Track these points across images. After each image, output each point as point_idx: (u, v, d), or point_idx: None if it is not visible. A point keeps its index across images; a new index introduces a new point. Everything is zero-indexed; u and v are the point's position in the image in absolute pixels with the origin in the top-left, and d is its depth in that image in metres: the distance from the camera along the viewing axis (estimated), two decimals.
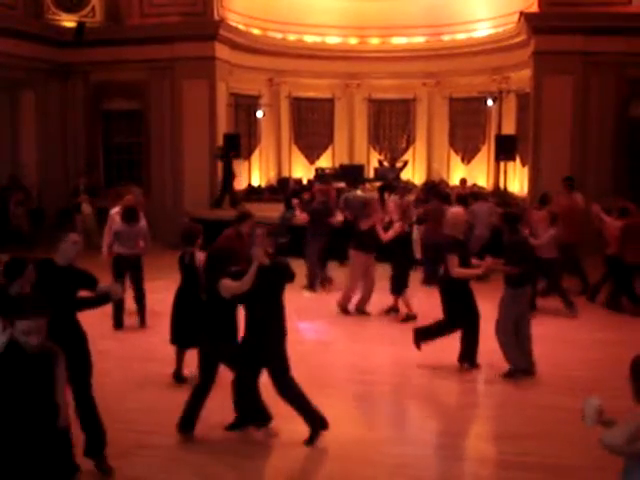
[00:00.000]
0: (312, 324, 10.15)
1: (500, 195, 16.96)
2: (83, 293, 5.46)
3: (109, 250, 9.84)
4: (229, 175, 17.41)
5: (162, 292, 10.71)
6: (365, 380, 7.59)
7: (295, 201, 13.39)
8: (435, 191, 14.20)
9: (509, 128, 18.40)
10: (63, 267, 5.29)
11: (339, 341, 9.22)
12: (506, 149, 16.73)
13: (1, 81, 17.31)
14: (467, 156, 20.68)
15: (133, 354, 8.43)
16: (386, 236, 10.14)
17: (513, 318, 7.56)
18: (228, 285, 5.62)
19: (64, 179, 18.17)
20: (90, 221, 16.13)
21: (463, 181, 17.34)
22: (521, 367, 7.53)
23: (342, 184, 17.10)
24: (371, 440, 6.07)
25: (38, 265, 5.13)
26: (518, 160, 17.93)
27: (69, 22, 17.69)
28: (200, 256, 7.24)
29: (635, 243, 10.43)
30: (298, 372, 7.67)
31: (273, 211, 13.77)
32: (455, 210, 8.42)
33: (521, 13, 16.44)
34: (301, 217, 12.66)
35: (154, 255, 14.41)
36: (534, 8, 16.28)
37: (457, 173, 20.40)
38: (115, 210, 10.08)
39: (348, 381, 7.57)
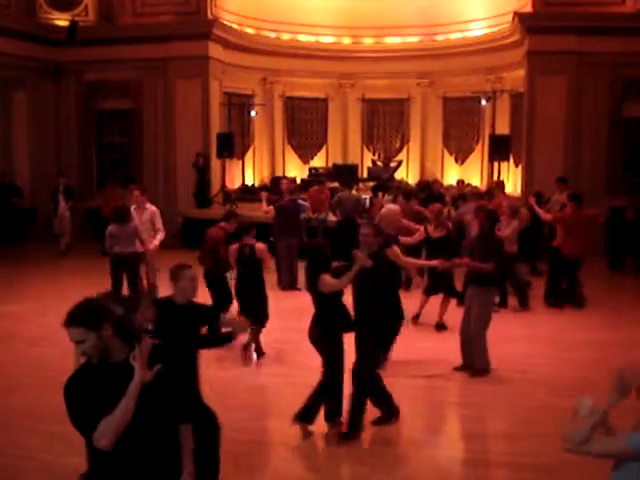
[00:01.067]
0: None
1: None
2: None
3: (111, 250, 9.87)
4: (203, 182, 17.31)
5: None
6: None
7: (264, 194, 13.38)
8: (429, 191, 14.18)
9: (503, 128, 18.42)
10: (182, 305, 5.07)
11: None
12: (500, 149, 16.74)
13: None
14: (461, 156, 20.69)
15: None
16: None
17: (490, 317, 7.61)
18: (327, 282, 5.77)
19: (57, 178, 18.10)
20: (65, 223, 15.70)
21: (460, 182, 17.25)
22: (486, 368, 7.56)
23: (336, 184, 17.08)
24: (365, 439, 6.04)
25: (158, 305, 4.97)
26: (512, 160, 17.93)
27: (62, 21, 17.62)
28: (260, 246, 8.20)
29: (570, 236, 10.51)
30: (290, 372, 7.70)
31: None
32: (390, 207, 8.38)
33: (515, 13, 16.44)
34: (267, 210, 12.59)
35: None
36: (528, 8, 16.29)
37: (451, 173, 20.42)
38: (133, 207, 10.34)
39: (344, 380, 7.51)
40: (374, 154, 21.40)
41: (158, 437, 3.23)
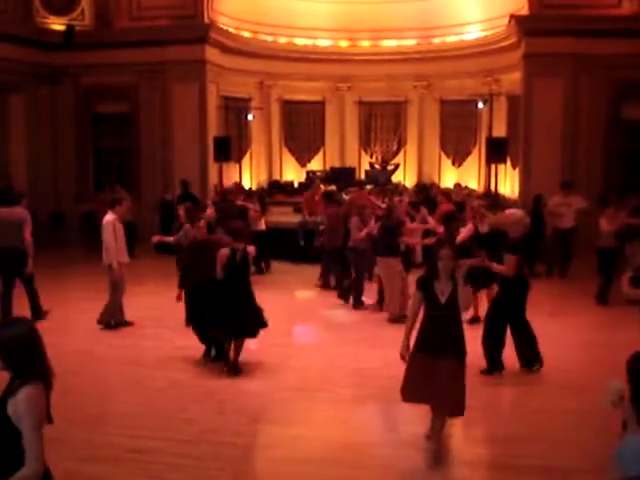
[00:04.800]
0: (302, 327, 10.17)
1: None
2: None
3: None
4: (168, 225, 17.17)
5: (150, 296, 10.70)
6: (354, 383, 7.53)
7: (208, 202, 13.46)
8: (426, 194, 14.18)
9: (500, 130, 18.40)
10: None
11: (329, 343, 9.14)
12: (497, 152, 16.73)
13: None
14: (458, 159, 20.69)
15: (124, 358, 8.30)
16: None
17: None
18: None
19: (54, 182, 18.09)
20: None
21: (457, 186, 17.25)
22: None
23: (333, 187, 17.07)
24: (361, 443, 6.01)
25: None
26: (509, 162, 17.93)
27: (58, 25, 17.61)
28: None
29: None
30: (287, 375, 7.67)
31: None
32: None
33: (511, 16, 16.47)
34: (209, 212, 12.32)
35: (147, 259, 14.39)
36: (524, 11, 16.32)
37: (448, 176, 20.42)
38: (112, 217, 9.28)
39: (337, 384, 7.49)
40: (371, 157, 21.40)
41: None
